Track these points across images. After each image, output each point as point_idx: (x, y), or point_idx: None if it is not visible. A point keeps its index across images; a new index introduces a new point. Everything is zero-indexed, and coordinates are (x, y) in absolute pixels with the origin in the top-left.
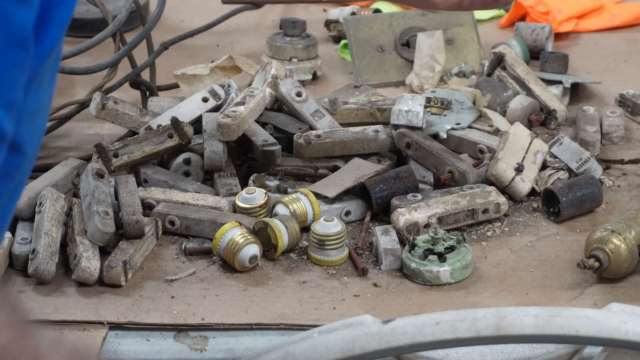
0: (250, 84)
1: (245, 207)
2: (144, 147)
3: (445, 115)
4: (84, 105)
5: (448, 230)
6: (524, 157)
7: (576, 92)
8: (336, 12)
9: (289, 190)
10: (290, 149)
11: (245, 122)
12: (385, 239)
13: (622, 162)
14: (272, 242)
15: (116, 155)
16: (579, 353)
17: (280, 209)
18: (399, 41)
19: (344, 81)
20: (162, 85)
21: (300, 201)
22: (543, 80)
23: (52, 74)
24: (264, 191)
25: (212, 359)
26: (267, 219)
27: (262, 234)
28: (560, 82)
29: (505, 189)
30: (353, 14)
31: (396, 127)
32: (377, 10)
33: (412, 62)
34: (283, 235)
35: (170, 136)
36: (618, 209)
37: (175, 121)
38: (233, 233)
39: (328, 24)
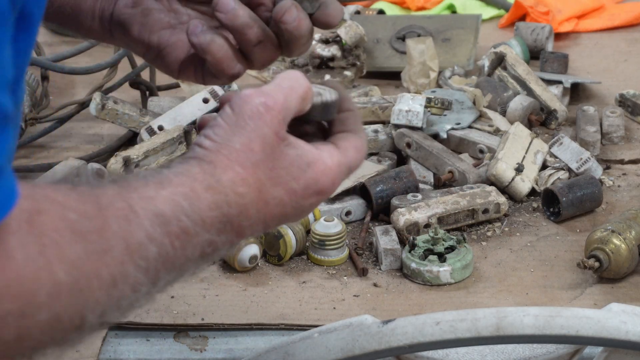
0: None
1: None
2: (159, 157)
3: (445, 115)
4: (83, 105)
5: (448, 230)
6: (524, 157)
7: (576, 92)
8: None
9: None
10: None
11: None
12: (385, 239)
13: (622, 162)
14: (280, 253)
15: (137, 166)
16: (579, 353)
17: None
18: (395, 35)
19: None
20: (162, 85)
21: None
22: (543, 80)
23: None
24: None
25: (212, 359)
26: (283, 229)
27: (270, 239)
28: (560, 82)
29: (505, 189)
30: (357, 12)
31: (396, 126)
32: (380, 12)
33: (402, 52)
34: (292, 250)
35: (180, 142)
36: (618, 209)
37: (186, 132)
38: None
39: None
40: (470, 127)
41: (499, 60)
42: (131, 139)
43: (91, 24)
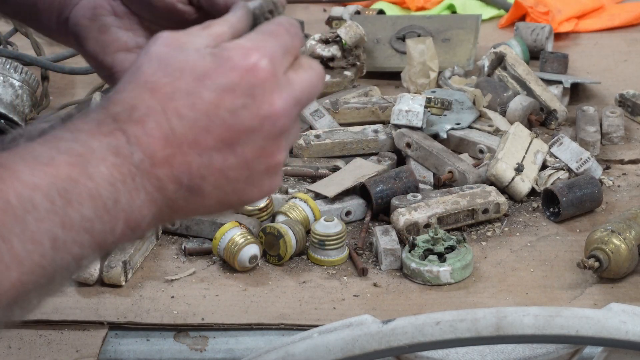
0: None
1: (246, 208)
2: None
3: (445, 115)
4: (84, 105)
5: (448, 230)
6: (524, 157)
7: (576, 92)
8: (340, 10)
9: (290, 190)
10: (289, 150)
11: None
12: (385, 239)
13: (622, 162)
14: (280, 253)
15: None
16: (579, 353)
17: (281, 219)
18: (395, 35)
19: None
20: None
21: (299, 207)
22: (543, 80)
23: None
24: None
25: (212, 359)
26: (283, 229)
27: (270, 239)
28: (560, 82)
29: (505, 189)
30: (357, 12)
31: (396, 126)
32: (380, 12)
33: (402, 52)
34: (292, 250)
35: None
36: (618, 209)
37: None
38: (233, 233)
39: (330, 20)
40: (470, 127)
41: (499, 60)
42: None
43: (49, 23)
